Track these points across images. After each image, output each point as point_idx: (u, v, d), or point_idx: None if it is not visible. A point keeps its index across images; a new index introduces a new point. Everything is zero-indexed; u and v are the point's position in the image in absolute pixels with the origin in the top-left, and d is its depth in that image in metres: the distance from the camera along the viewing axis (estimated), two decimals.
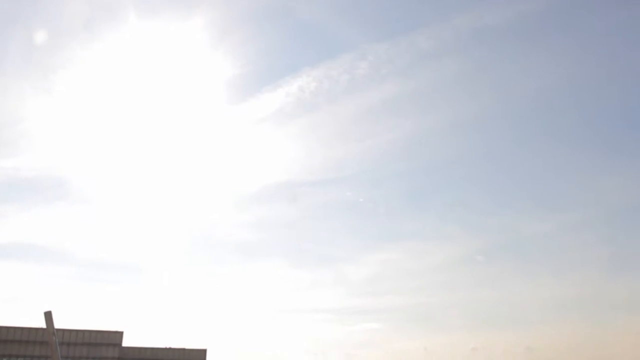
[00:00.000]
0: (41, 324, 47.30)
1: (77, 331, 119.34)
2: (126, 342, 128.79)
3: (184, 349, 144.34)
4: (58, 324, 45.86)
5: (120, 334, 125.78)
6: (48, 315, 45.22)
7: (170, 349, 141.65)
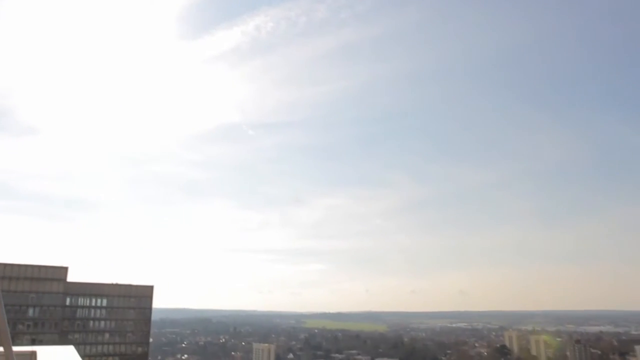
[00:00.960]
0: None
1: (20, 266, 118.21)
2: (71, 278, 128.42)
3: (130, 285, 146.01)
4: (0, 258, 46.03)
5: (65, 270, 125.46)
6: None
7: (116, 284, 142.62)
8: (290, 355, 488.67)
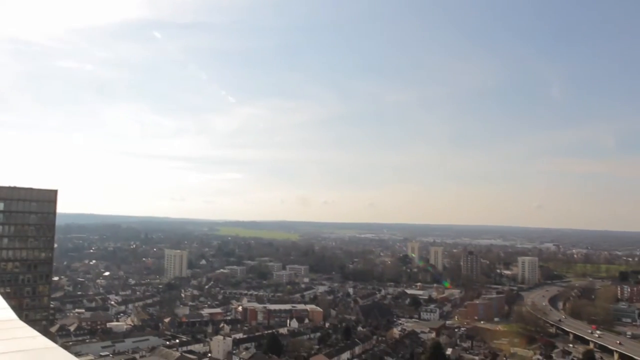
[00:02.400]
0: None
1: None
2: None
3: (31, 189, 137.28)
4: None
5: None
6: None
7: (14, 188, 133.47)
8: (203, 262, 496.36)
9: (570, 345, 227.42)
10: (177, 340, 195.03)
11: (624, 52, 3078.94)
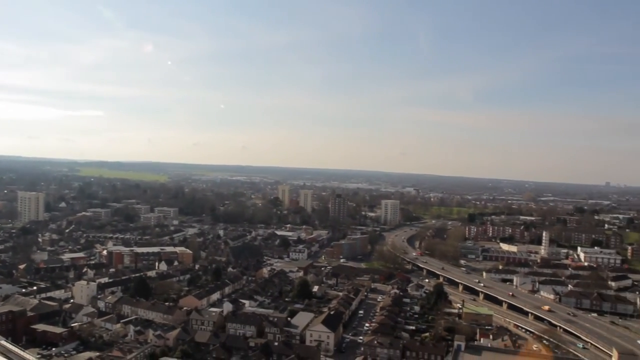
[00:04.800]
0: None
1: None
2: None
3: None
4: None
5: None
6: None
7: None
8: (63, 204, 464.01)
9: (425, 280, 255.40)
10: (35, 287, 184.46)
11: (485, 10, 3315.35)
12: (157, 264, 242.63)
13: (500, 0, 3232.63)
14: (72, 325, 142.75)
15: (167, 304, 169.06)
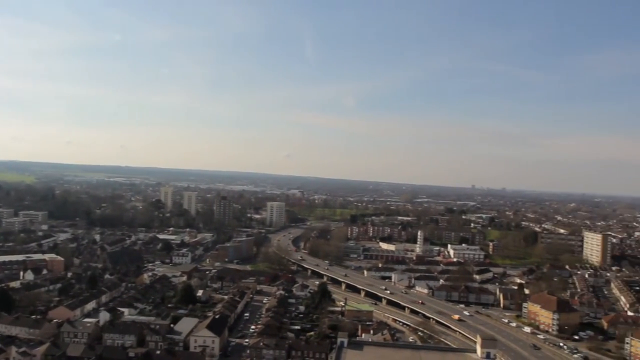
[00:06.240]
0: None
1: None
2: None
3: None
4: None
5: None
6: None
7: None
8: None
9: (309, 280, 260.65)
10: None
11: (372, 19, 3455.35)
12: (22, 273, 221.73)
13: (384, 12, 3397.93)
14: None
15: (33, 317, 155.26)
